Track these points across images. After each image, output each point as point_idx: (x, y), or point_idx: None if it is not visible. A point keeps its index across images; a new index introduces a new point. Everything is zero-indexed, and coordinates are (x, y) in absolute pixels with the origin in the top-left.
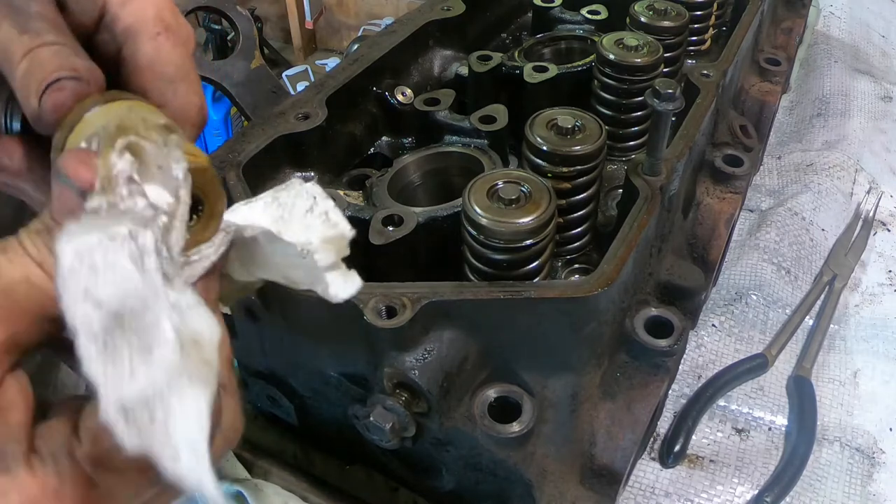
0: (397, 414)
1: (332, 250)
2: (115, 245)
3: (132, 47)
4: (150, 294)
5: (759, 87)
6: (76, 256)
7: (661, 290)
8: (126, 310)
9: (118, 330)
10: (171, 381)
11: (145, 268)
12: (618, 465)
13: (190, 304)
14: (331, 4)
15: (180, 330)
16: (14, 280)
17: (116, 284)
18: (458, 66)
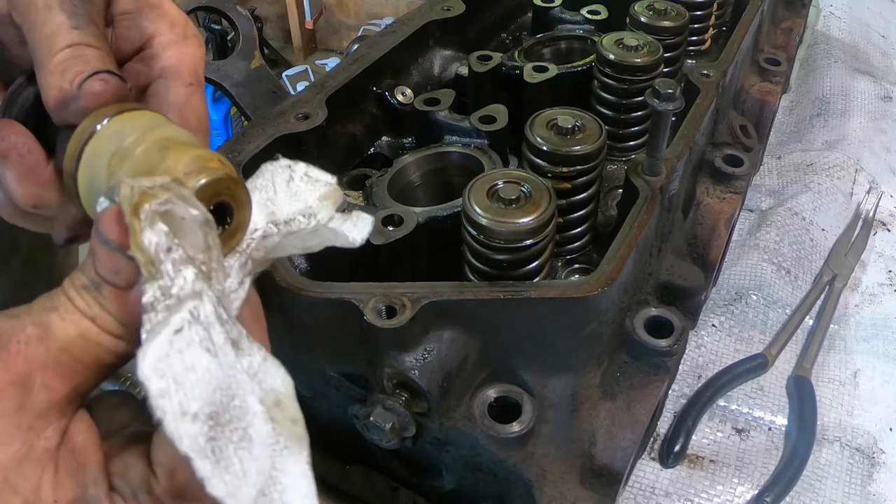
0: (397, 414)
1: (329, 204)
2: (183, 339)
3: (166, 87)
4: (229, 375)
5: (759, 87)
6: (159, 375)
7: (661, 290)
8: (218, 406)
9: (219, 432)
10: (274, 457)
11: (216, 346)
12: (618, 465)
13: (259, 363)
14: (331, 4)
15: (263, 398)
16: (71, 338)
17: (202, 385)
18: (458, 66)
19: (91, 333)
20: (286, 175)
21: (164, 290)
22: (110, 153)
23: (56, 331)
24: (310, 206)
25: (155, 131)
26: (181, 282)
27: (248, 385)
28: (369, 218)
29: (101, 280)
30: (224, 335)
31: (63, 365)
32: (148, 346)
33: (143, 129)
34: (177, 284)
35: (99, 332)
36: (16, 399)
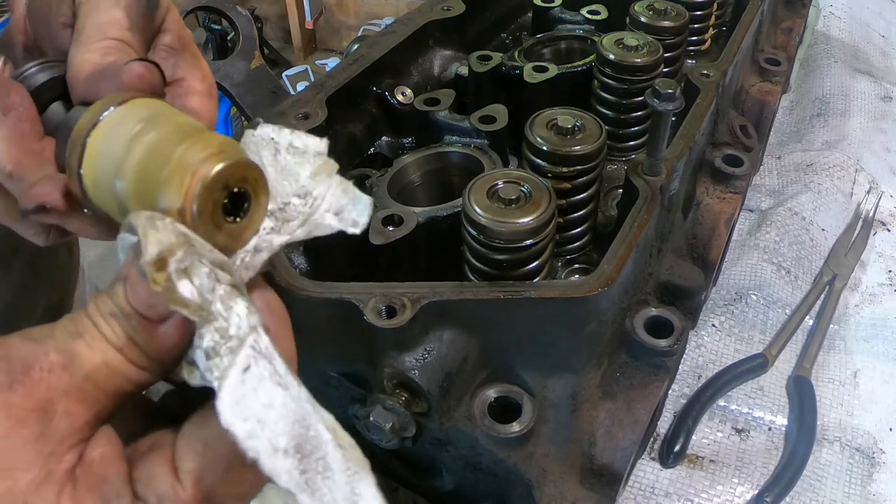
0: (397, 414)
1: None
2: (254, 376)
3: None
4: (300, 408)
5: (759, 87)
6: (242, 418)
7: (661, 290)
8: (300, 438)
9: (308, 464)
10: (351, 483)
11: (283, 379)
12: (618, 465)
13: (307, 393)
14: (331, 4)
15: (327, 425)
16: (95, 366)
17: (283, 421)
18: (458, 66)
19: (116, 363)
20: (271, 148)
21: (222, 333)
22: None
23: (81, 358)
24: (302, 185)
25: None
26: (236, 319)
27: (314, 414)
28: (367, 199)
29: (133, 311)
30: (284, 367)
31: (85, 393)
32: (222, 392)
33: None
34: (233, 324)
35: (124, 363)
36: (37, 426)
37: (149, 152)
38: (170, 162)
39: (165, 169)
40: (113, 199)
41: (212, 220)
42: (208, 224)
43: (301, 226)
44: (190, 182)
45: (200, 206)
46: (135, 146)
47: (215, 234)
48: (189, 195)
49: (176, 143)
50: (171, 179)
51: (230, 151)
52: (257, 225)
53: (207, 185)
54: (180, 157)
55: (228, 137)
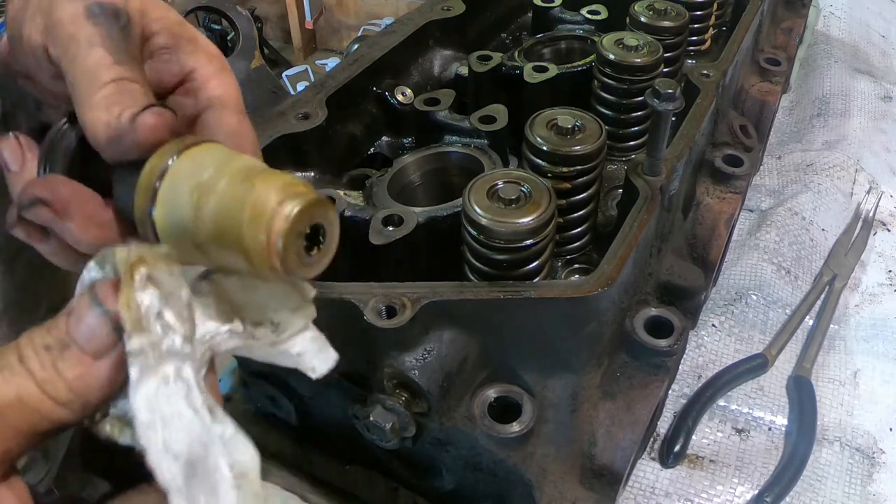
0: (397, 414)
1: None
2: (170, 389)
3: (218, 115)
4: (206, 435)
5: (759, 87)
6: (149, 409)
7: (661, 290)
8: (195, 457)
9: (194, 479)
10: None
11: (196, 407)
12: (618, 465)
13: (231, 435)
14: (331, 4)
15: (232, 466)
16: (6, 401)
17: (184, 432)
18: (458, 66)
19: (32, 399)
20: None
21: (152, 344)
22: (190, 188)
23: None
24: (281, 318)
25: (232, 163)
26: (170, 342)
27: (220, 449)
28: (334, 355)
29: (71, 341)
30: (202, 400)
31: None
32: (141, 382)
33: (219, 161)
34: (165, 343)
35: (42, 398)
36: None
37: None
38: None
39: (244, 213)
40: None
41: (296, 258)
42: (294, 261)
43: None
44: (274, 222)
45: (286, 246)
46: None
47: (300, 268)
48: (274, 237)
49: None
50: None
51: (303, 191)
52: (333, 252)
53: (290, 226)
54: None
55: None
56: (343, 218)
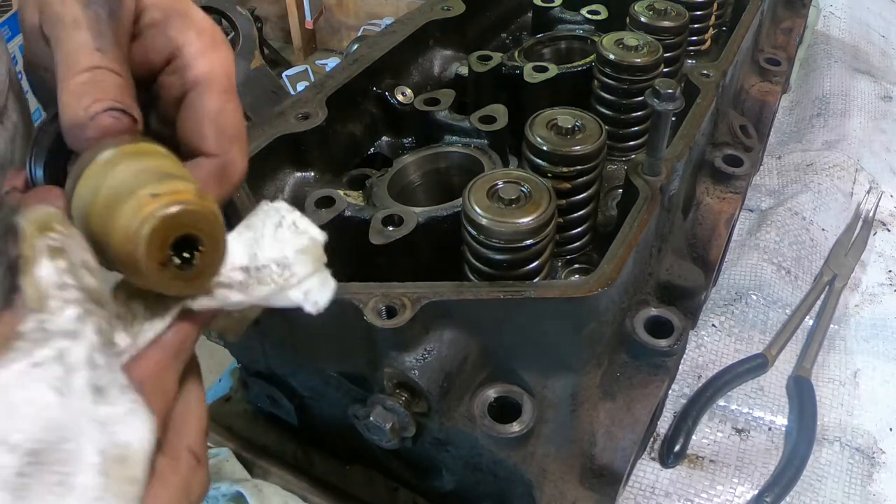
0: (397, 414)
1: (308, 260)
2: (37, 374)
3: (201, 95)
4: (71, 420)
5: (759, 87)
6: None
7: (661, 290)
8: (44, 445)
9: (36, 470)
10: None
11: (71, 389)
12: (618, 465)
13: (121, 415)
14: (331, 4)
15: (105, 450)
16: None
17: (33, 420)
18: (458, 66)
19: None
20: (276, 219)
21: (40, 323)
22: (90, 189)
23: None
24: (286, 255)
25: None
26: (59, 320)
27: (92, 434)
28: (334, 284)
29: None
30: (86, 380)
31: None
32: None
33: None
34: (53, 321)
35: None
36: None
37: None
38: (126, 201)
39: (117, 220)
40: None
41: (158, 266)
42: (158, 273)
43: (270, 292)
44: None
45: (147, 250)
46: (103, 187)
47: (169, 281)
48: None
49: (137, 183)
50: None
51: (187, 199)
52: (214, 269)
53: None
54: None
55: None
56: (343, 218)
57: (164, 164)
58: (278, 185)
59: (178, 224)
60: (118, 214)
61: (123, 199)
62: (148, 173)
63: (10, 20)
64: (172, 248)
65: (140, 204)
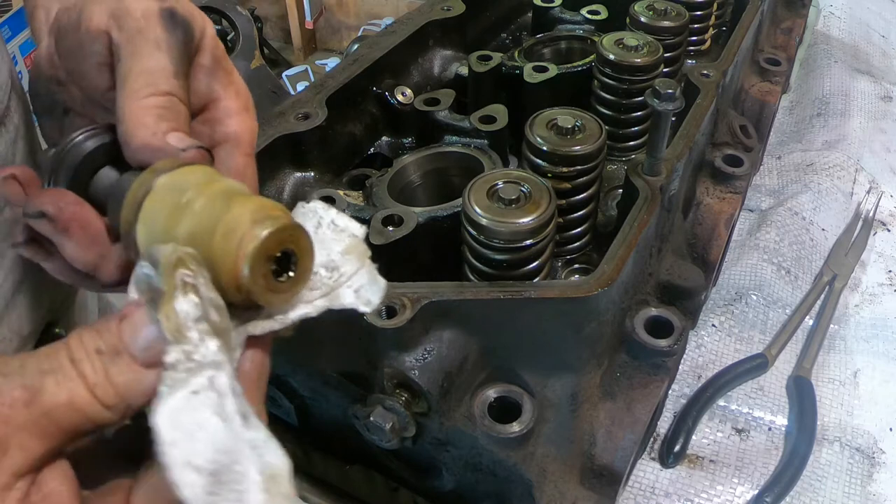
0: (397, 414)
1: (352, 259)
2: (199, 401)
3: (228, 153)
4: (235, 443)
5: (759, 87)
6: (172, 426)
7: (661, 290)
8: (220, 467)
9: (218, 489)
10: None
11: (227, 415)
12: (618, 465)
13: (263, 439)
14: (331, 4)
15: (261, 470)
16: (58, 404)
17: (209, 444)
18: (458, 66)
19: (81, 402)
20: (314, 221)
21: (187, 354)
22: (169, 207)
23: (45, 396)
24: (332, 258)
25: (213, 184)
26: (204, 350)
27: (250, 455)
28: (384, 283)
29: (125, 349)
30: (235, 407)
31: (42, 428)
32: (167, 398)
33: (201, 181)
34: (200, 352)
35: (91, 402)
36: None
37: (198, 221)
38: (219, 230)
39: (216, 238)
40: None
41: (263, 281)
42: (260, 284)
43: (322, 297)
44: (239, 248)
45: (252, 270)
46: (185, 215)
47: (266, 293)
48: (240, 260)
49: (223, 210)
50: (222, 247)
51: (277, 215)
52: (304, 283)
53: (257, 249)
54: (228, 225)
55: (272, 201)
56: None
57: (229, 183)
58: (278, 186)
59: (282, 239)
60: (221, 229)
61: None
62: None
63: (10, 20)
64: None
65: (249, 218)
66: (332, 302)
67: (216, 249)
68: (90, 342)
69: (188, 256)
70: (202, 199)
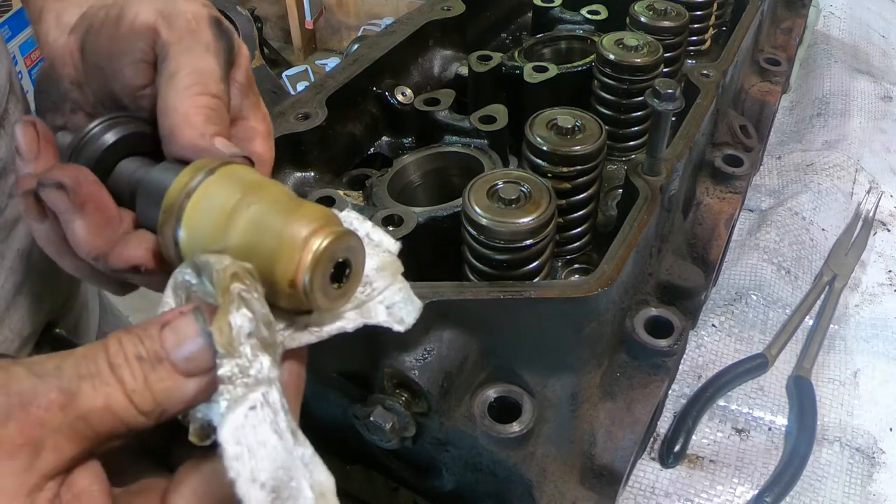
0: (397, 414)
1: (386, 275)
2: (258, 417)
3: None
4: (289, 459)
5: (759, 87)
6: (236, 442)
7: (661, 290)
8: (279, 483)
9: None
10: None
11: (281, 431)
12: (618, 465)
13: (311, 455)
14: (331, 4)
15: (313, 487)
16: (94, 408)
17: (269, 460)
18: (458, 66)
19: (118, 407)
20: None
21: (242, 369)
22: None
23: (82, 399)
24: (366, 273)
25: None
26: (258, 366)
27: (303, 471)
28: (419, 303)
29: (166, 357)
30: (286, 423)
31: (77, 431)
32: (229, 413)
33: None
34: (254, 367)
35: (127, 407)
36: (26, 460)
37: (254, 225)
38: (279, 236)
39: (274, 243)
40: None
41: (322, 290)
42: (319, 293)
43: (354, 309)
44: (301, 256)
45: (312, 277)
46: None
47: (323, 300)
48: (301, 268)
49: (281, 216)
50: (282, 254)
51: (333, 223)
52: (356, 288)
53: (318, 257)
54: (289, 232)
55: (325, 208)
56: None
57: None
58: None
59: (341, 247)
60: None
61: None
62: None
63: (10, 20)
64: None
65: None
66: (365, 317)
67: (277, 254)
68: (130, 347)
69: (244, 271)
70: (256, 206)
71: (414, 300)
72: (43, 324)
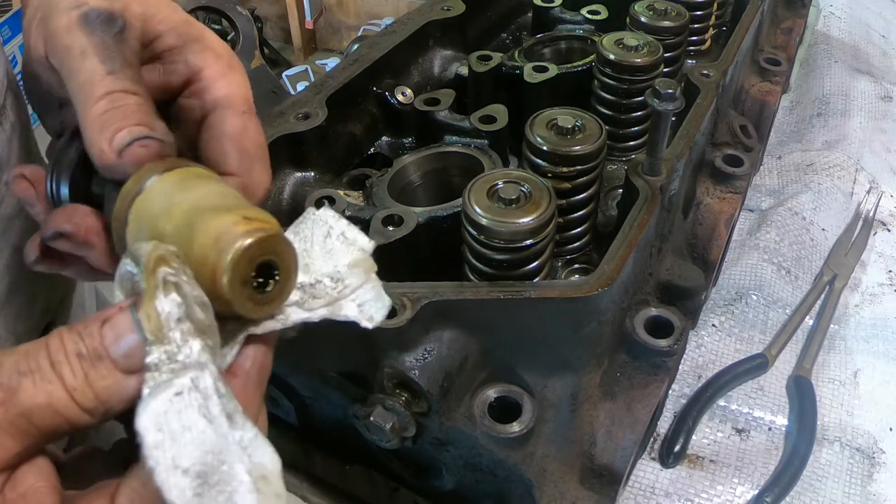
0: (397, 414)
1: (359, 272)
2: (183, 402)
3: (222, 117)
4: (222, 443)
5: (759, 87)
6: (156, 429)
7: (661, 290)
8: (207, 468)
9: (206, 491)
10: None
11: (212, 416)
12: (618, 465)
13: (251, 438)
14: (331, 4)
15: (251, 470)
16: (36, 405)
17: (195, 445)
18: (458, 66)
19: (60, 405)
20: (324, 229)
21: (169, 355)
22: (151, 218)
23: (22, 396)
24: (338, 269)
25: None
26: (187, 351)
27: (239, 455)
28: (389, 301)
29: (106, 356)
30: (220, 407)
31: (18, 428)
32: (150, 400)
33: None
34: (183, 353)
35: (70, 405)
36: None
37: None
38: (203, 237)
39: (199, 238)
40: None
41: (242, 290)
42: (238, 293)
43: (324, 306)
44: (217, 258)
45: (231, 276)
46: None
47: (245, 302)
48: (220, 266)
49: (207, 216)
50: (204, 255)
51: (263, 225)
52: (286, 295)
53: (238, 257)
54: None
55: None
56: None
57: (223, 188)
58: (278, 186)
59: (265, 249)
60: (202, 238)
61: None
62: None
63: (10, 20)
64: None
65: (230, 228)
66: (333, 312)
67: (201, 255)
68: (71, 345)
69: (170, 254)
70: (180, 211)
71: (384, 298)
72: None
